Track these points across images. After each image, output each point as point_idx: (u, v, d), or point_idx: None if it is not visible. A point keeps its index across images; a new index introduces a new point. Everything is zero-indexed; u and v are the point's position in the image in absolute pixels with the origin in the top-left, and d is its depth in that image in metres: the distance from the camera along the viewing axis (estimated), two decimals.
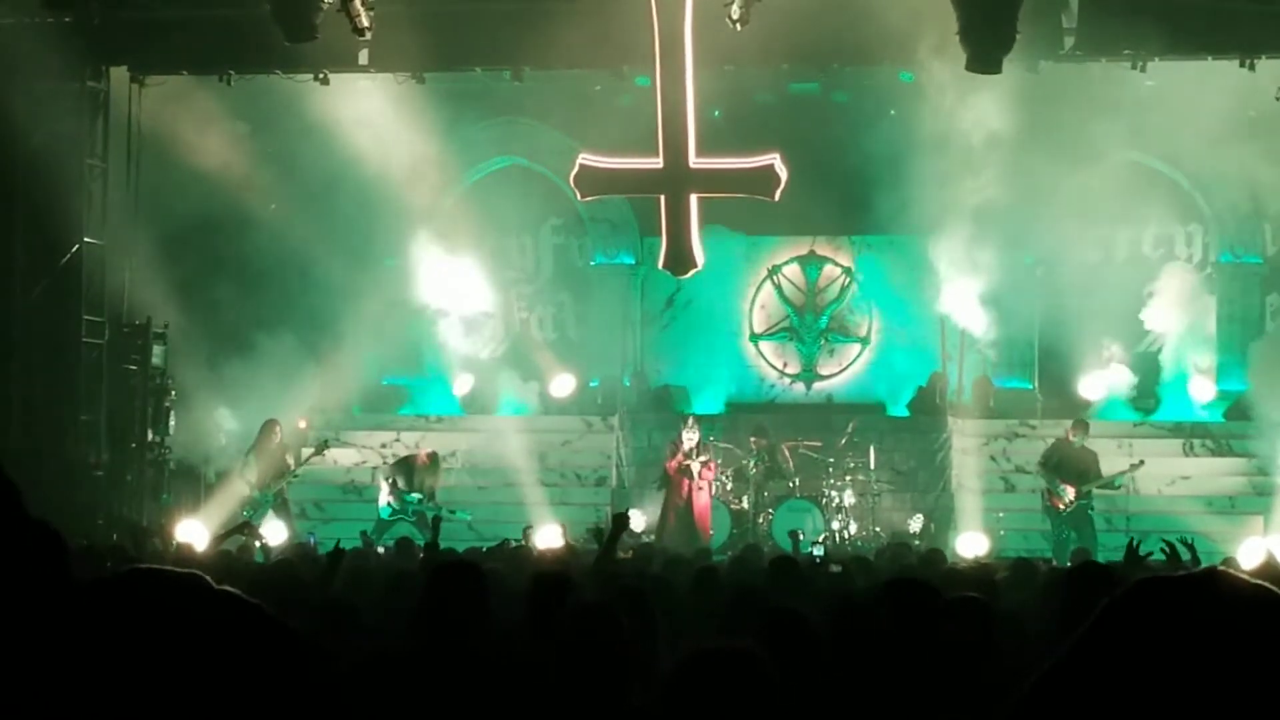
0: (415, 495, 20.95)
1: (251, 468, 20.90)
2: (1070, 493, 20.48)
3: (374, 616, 7.93)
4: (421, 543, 18.37)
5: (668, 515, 21.41)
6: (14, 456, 20.30)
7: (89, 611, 1.95)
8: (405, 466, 21.35)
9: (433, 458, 21.46)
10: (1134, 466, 20.94)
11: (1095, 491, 20.75)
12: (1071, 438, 20.97)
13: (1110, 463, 21.05)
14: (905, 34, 18.62)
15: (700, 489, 21.40)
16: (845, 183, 24.33)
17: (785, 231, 25.43)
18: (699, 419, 22.31)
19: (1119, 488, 21.05)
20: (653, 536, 21.05)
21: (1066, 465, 20.75)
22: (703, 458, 21.43)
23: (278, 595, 7.94)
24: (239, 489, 21.02)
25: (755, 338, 26.26)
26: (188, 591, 1.99)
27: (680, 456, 21.48)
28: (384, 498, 21.02)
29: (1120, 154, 24.31)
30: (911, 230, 23.89)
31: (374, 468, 23.36)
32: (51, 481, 20.48)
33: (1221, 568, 2.01)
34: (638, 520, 22.19)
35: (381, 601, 8.71)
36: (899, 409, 24.97)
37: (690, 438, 21.51)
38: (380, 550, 16.77)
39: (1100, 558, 17.48)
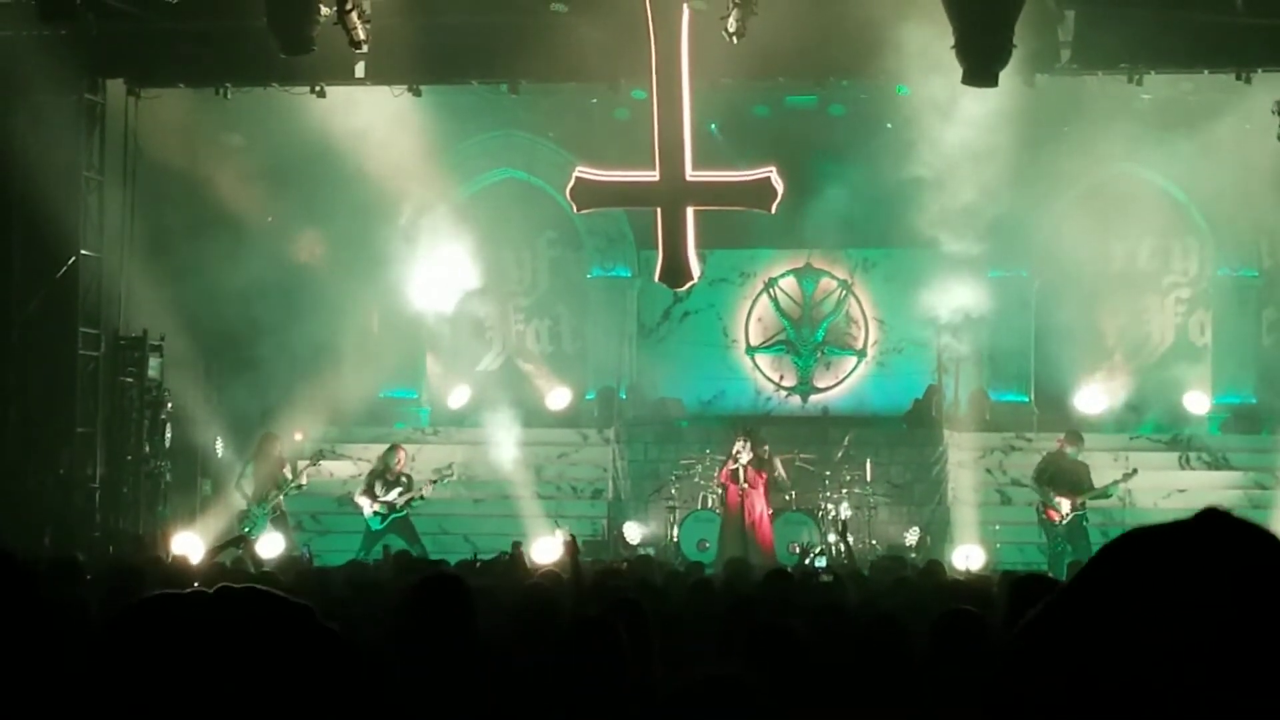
0: (395, 490, 20.96)
1: (248, 481, 20.90)
2: (1066, 505, 20.47)
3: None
4: (413, 553, 18.42)
5: (724, 534, 20.96)
6: (10, 469, 20.33)
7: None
8: (375, 474, 21.35)
9: (392, 449, 21.55)
10: (1127, 476, 20.92)
11: (1089, 503, 20.76)
12: (1064, 449, 21.00)
13: (1104, 475, 21.05)
14: (902, 47, 18.62)
15: (752, 498, 21.06)
16: (842, 195, 24.35)
17: (782, 244, 25.44)
18: (751, 431, 21.99)
19: (1111, 497, 21.03)
20: (650, 549, 21.04)
21: (1060, 478, 20.75)
22: (745, 459, 21.10)
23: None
24: (235, 503, 21.04)
25: (751, 350, 26.25)
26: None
27: (730, 464, 21.28)
28: (368, 509, 20.99)
29: (1116, 167, 24.32)
30: (907, 243, 23.92)
31: None
32: (48, 494, 20.49)
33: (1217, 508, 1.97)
34: (633, 533, 22.20)
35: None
36: (895, 422, 24.96)
37: (741, 447, 21.26)
38: (371, 564, 16.74)
39: None
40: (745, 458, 21.05)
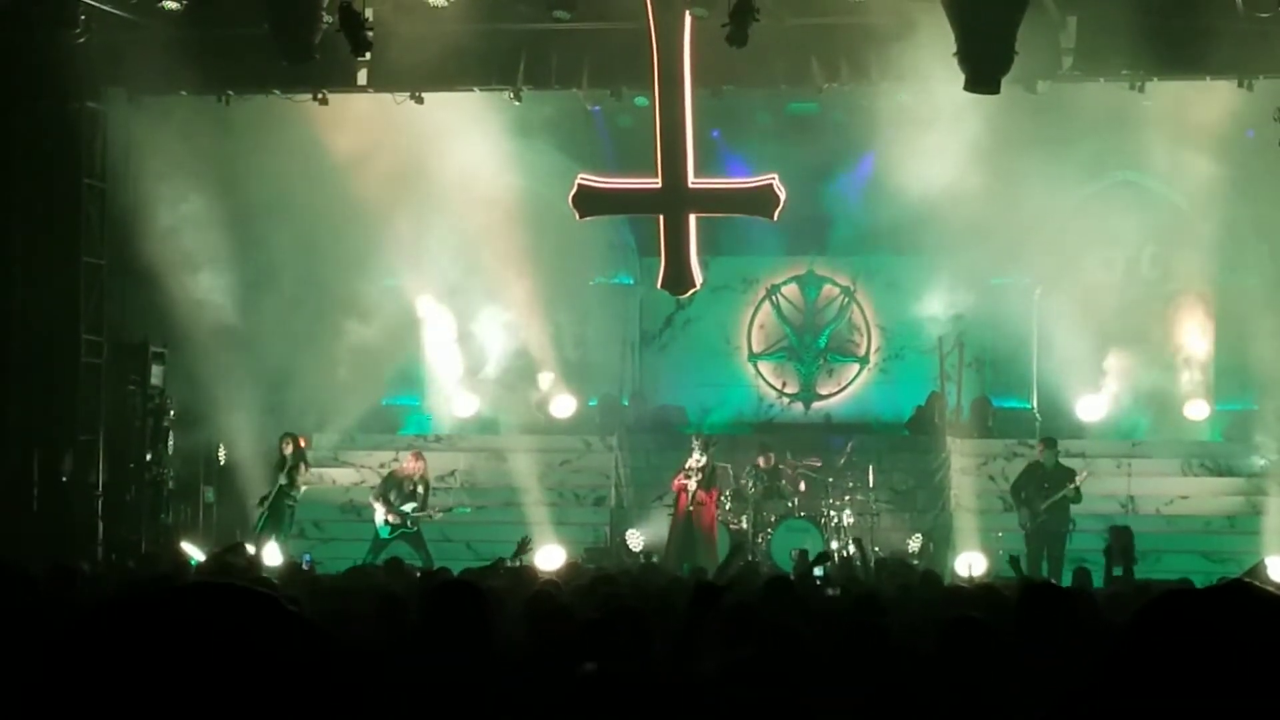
0: (411, 504, 21.01)
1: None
2: (1025, 514, 20.65)
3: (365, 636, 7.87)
4: (419, 562, 18.44)
5: (671, 536, 21.38)
6: (12, 476, 20.32)
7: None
8: (393, 480, 21.41)
9: (418, 456, 21.61)
10: (1081, 480, 20.89)
11: (1076, 509, 20.79)
12: (1042, 457, 21.09)
13: (1103, 481, 21.09)
14: (904, 54, 18.63)
15: (699, 508, 21.31)
16: (843, 202, 24.34)
17: (784, 251, 25.44)
18: (708, 439, 22.16)
19: (1079, 501, 20.92)
20: (654, 557, 21.05)
21: (1034, 485, 20.85)
22: (697, 479, 21.32)
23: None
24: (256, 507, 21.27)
25: (754, 357, 26.25)
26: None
27: (682, 476, 21.48)
28: (380, 516, 21.06)
29: (1119, 174, 24.32)
30: (910, 250, 23.91)
31: (373, 488, 23.33)
32: (49, 501, 20.49)
33: (1246, 579, 2.08)
34: (635, 540, 22.20)
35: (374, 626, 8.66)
36: (897, 428, 24.96)
37: (697, 459, 21.47)
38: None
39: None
40: (696, 472, 21.21)
